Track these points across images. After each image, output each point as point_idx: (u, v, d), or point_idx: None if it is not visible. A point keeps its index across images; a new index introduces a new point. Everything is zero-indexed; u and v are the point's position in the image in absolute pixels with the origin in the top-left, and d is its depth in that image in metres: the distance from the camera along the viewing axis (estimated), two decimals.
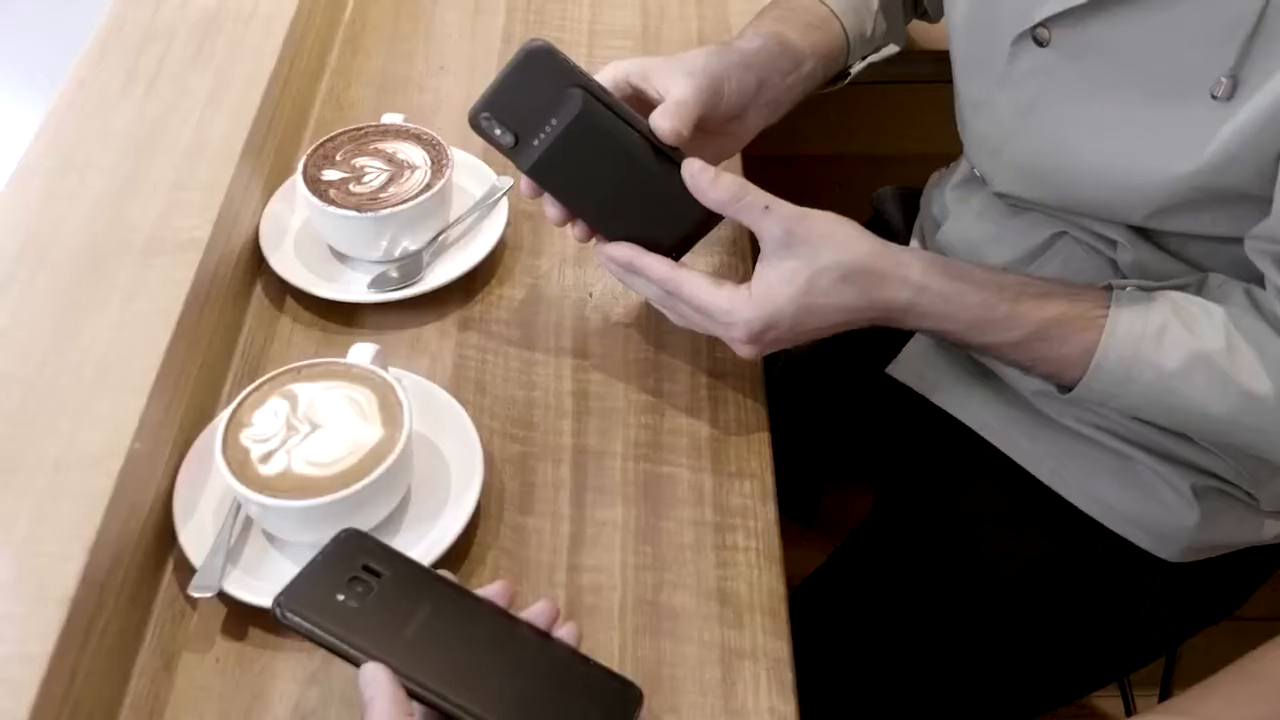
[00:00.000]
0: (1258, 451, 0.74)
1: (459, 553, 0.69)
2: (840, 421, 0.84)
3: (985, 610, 0.86)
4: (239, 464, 0.65)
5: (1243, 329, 0.69)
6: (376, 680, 0.56)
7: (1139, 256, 0.76)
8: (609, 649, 0.66)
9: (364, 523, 0.68)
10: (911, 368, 0.93)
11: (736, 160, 0.93)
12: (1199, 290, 0.73)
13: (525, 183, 0.75)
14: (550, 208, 0.75)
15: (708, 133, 0.76)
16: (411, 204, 0.81)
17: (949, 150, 0.90)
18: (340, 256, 0.85)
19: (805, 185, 1.27)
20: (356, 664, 0.57)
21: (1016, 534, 0.83)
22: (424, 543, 0.68)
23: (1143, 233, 0.76)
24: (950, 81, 0.87)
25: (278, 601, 0.58)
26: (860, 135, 1.26)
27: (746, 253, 0.89)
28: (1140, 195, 0.73)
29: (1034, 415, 0.85)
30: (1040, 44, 0.74)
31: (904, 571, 0.87)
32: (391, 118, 0.88)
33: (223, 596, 0.66)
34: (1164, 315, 0.69)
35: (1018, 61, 0.76)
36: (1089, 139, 0.74)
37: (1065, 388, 0.72)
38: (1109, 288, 0.71)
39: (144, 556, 0.67)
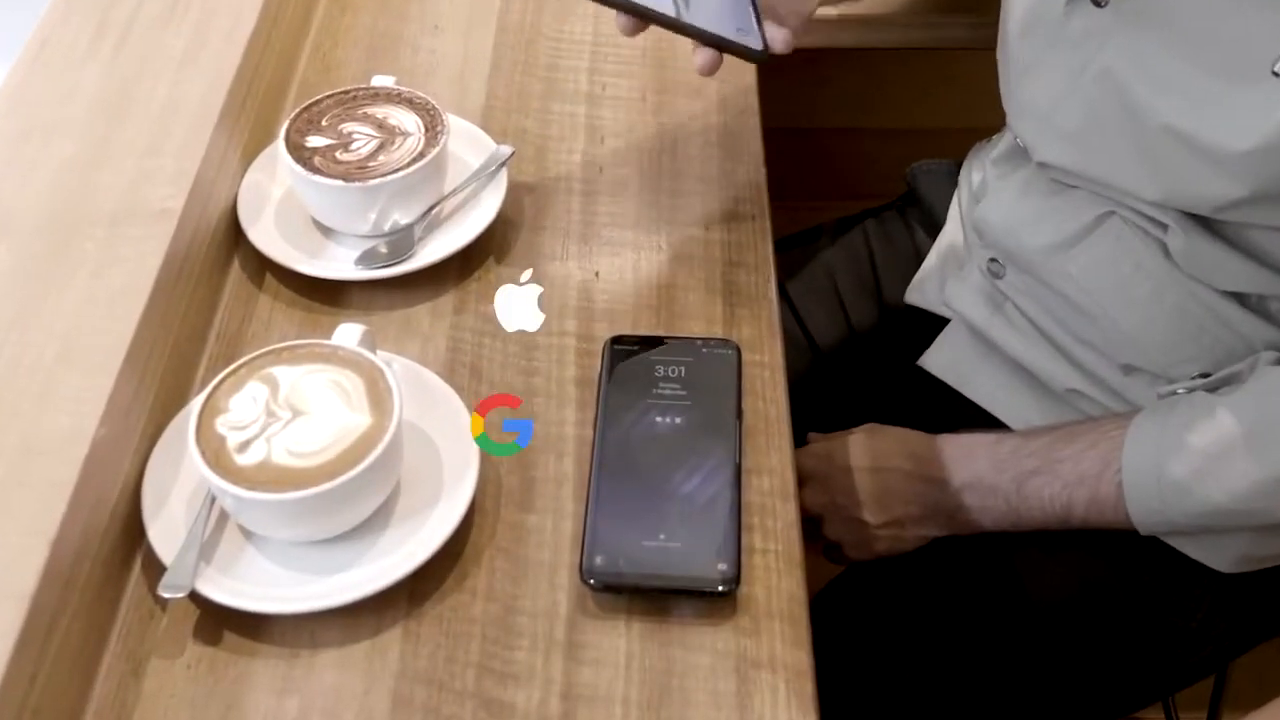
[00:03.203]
0: None
1: (452, 552, 0.66)
2: (869, 417, 0.83)
3: (1021, 620, 0.83)
4: (214, 453, 0.63)
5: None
6: None
7: (1191, 244, 0.74)
8: (615, 657, 0.63)
9: (350, 519, 0.66)
10: (945, 360, 0.91)
11: (756, 135, 0.90)
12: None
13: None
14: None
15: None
16: (403, 173, 0.78)
17: (984, 124, 0.89)
18: (325, 230, 0.83)
19: (826, 158, 1.26)
20: None
21: (1055, 539, 0.80)
22: (414, 540, 0.65)
23: (1197, 216, 0.74)
24: (986, 49, 0.84)
25: None
26: (885, 107, 1.25)
27: (765, 209, 0.86)
28: (1193, 174, 0.70)
29: (1074, 414, 0.82)
30: (1098, 4, 0.73)
31: (934, 579, 0.85)
32: (382, 80, 0.85)
33: (195, 597, 0.63)
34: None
35: (1073, 21, 0.75)
36: (1143, 108, 0.72)
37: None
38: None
39: (110, 552, 0.64)
